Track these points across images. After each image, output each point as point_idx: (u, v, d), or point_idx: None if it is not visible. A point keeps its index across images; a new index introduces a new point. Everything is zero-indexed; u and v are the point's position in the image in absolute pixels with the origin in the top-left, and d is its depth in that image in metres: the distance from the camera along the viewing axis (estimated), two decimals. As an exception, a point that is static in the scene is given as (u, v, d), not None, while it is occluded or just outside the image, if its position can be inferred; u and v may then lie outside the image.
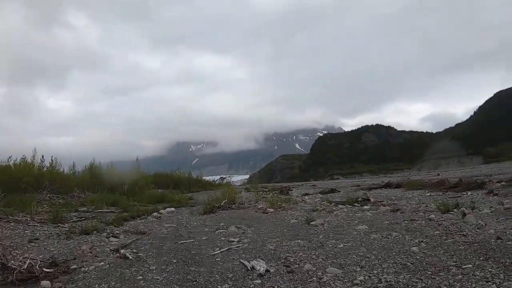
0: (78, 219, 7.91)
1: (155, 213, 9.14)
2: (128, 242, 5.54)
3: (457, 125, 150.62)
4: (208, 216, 8.43)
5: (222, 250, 4.75)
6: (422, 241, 4.72)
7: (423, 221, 6.24)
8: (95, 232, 6.35)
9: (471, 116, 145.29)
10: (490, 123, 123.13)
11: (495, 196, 10.64)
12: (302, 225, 6.43)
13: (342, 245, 4.74)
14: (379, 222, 6.39)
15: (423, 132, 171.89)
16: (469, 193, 12.20)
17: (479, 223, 5.72)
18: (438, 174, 35.15)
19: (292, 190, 19.99)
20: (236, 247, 4.90)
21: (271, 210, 8.50)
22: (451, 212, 7.12)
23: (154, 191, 16.09)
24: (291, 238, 5.36)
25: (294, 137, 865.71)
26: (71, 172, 14.34)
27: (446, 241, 4.70)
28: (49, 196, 10.92)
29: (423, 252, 4.23)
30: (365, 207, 9.27)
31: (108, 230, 6.56)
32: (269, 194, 15.95)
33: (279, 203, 9.41)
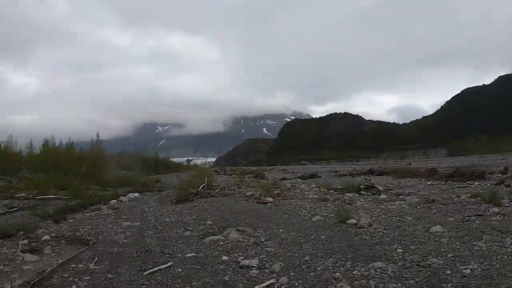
0: (8, 209, 5.53)
1: (113, 201, 7.09)
2: (49, 269, 2.88)
3: (424, 117, 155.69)
4: (183, 206, 6.18)
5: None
6: None
7: (499, 217, 4.77)
8: (20, 234, 3.93)
9: (437, 110, 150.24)
10: (455, 118, 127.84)
11: (508, 188, 9.37)
12: (335, 225, 4.36)
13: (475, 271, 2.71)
14: (442, 219, 4.68)
15: (390, 122, 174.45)
16: (476, 183, 10.95)
17: None
18: (410, 164, 34.90)
19: (264, 174, 18.29)
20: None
21: (269, 199, 6.32)
22: (506, 204, 5.90)
23: (117, 172, 14.19)
24: (355, 255, 3.14)
25: (262, 121, 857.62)
26: (28, 150, 12.62)
27: None
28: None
29: None
30: (382, 196, 7.63)
31: (41, 230, 4.22)
32: (244, 177, 14.15)
33: (271, 190, 7.31)
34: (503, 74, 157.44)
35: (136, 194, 8.60)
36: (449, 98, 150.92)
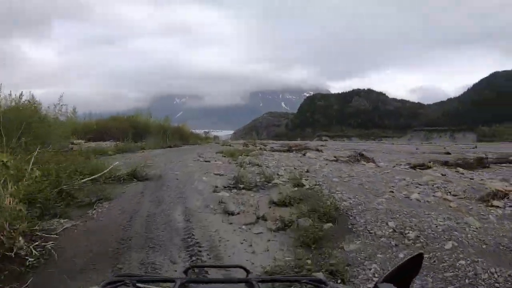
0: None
1: None
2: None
3: (449, 99, 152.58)
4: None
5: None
6: None
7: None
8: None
9: (464, 92, 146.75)
10: (483, 102, 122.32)
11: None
12: None
13: None
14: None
15: (415, 102, 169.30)
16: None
17: None
18: (445, 148, 30.26)
19: (319, 151, 17.29)
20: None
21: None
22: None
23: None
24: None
25: (280, 95, 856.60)
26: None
27: None
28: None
29: None
30: None
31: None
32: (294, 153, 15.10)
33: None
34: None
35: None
36: (476, 81, 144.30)
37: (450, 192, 6.48)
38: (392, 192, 6.39)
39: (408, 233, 4.09)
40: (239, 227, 4.57)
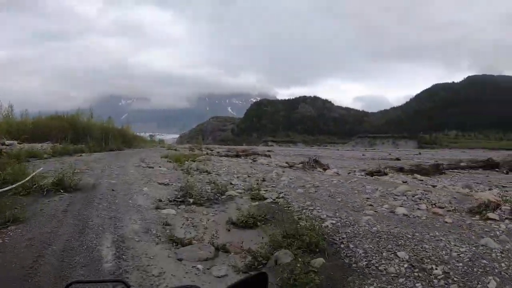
0: None
1: None
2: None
3: (392, 108, 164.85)
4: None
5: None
6: None
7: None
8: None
9: (406, 102, 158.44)
10: (425, 111, 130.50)
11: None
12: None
13: None
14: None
15: (359, 110, 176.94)
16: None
17: None
18: (390, 154, 34.49)
19: (268, 156, 17.72)
20: None
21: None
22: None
23: None
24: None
25: (227, 100, 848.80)
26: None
27: None
28: None
29: None
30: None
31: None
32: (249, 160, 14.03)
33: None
34: (472, 75, 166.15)
35: None
36: (419, 92, 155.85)
37: (435, 204, 5.79)
38: (372, 205, 5.65)
39: (432, 268, 2.99)
40: (193, 266, 3.23)
